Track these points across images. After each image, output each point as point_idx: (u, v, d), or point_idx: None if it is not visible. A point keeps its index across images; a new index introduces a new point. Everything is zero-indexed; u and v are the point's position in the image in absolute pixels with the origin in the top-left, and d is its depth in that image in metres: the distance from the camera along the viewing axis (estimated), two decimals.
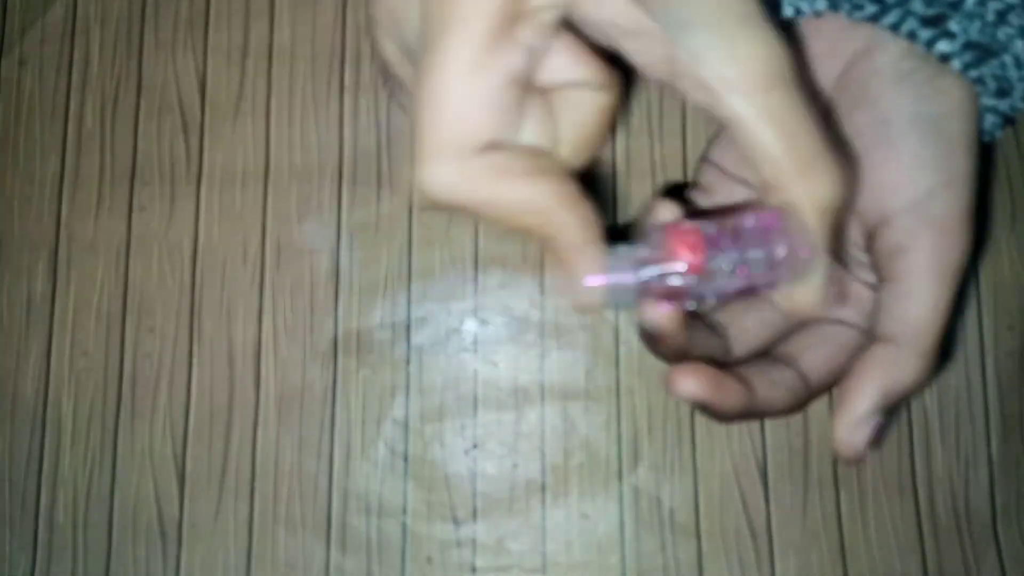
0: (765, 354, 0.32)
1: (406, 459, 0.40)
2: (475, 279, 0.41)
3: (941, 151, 0.29)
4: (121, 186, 0.42)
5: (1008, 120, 0.31)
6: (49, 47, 0.43)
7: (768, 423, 0.40)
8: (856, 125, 0.30)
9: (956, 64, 0.29)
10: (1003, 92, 0.30)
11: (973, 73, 0.29)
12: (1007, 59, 0.29)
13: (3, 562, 0.40)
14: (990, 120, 0.31)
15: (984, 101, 0.30)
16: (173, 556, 0.40)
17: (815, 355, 0.31)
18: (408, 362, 0.41)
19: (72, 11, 0.44)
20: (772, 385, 0.30)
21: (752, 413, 0.30)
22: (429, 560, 0.40)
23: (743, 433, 0.40)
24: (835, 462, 0.40)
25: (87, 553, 0.40)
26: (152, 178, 0.42)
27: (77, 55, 0.43)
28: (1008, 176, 0.42)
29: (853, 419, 0.29)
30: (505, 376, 0.41)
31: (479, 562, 0.40)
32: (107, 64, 0.43)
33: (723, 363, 0.30)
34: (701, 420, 0.40)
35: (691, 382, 0.28)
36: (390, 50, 0.28)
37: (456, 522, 0.40)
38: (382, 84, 0.31)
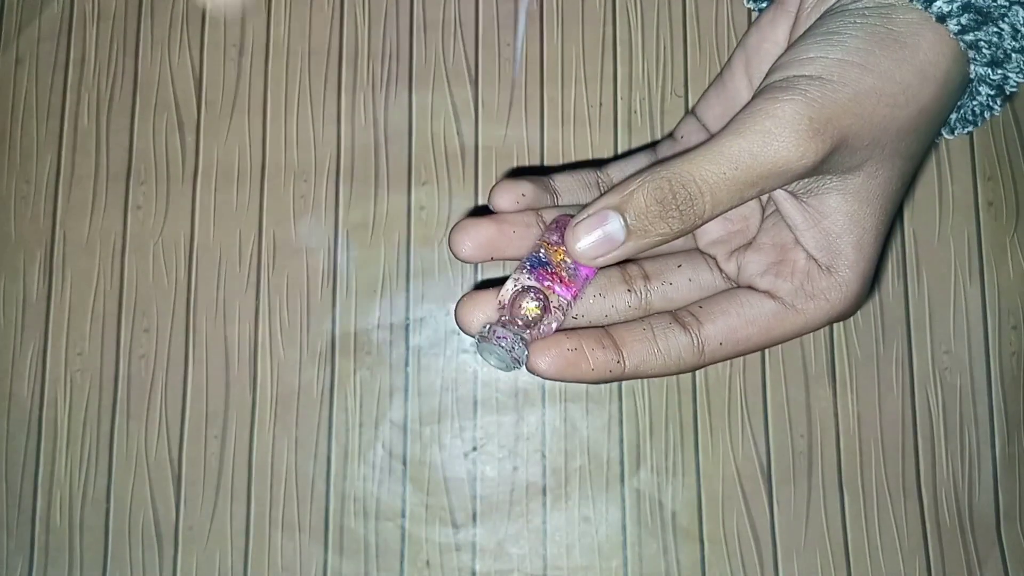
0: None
1: (404, 462, 0.40)
2: (475, 279, 0.41)
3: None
4: (117, 184, 0.42)
5: (1004, 95, 0.31)
6: (45, 45, 0.43)
7: (772, 426, 0.40)
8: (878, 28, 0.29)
9: (952, 26, 0.28)
10: (996, 62, 0.29)
11: (968, 37, 0.28)
12: (1004, 27, 0.29)
13: (0, 564, 0.40)
14: (984, 92, 0.30)
15: (977, 70, 0.29)
16: (170, 559, 0.40)
17: (721, 323, 0.30)
18: (407, 363, 0.41)
19: (69, 9, 0.43)
20: (655, 352, 0.29)
21: (625, 378, 0.30)
22: (428, 564, 0.40)
23: (746, 435, 0.40)
24: (839, 465, 0.40)
25: (83, 555, 0.40)
26: (148, 176, 0.42)
27: (73, 53, 0.43)
28: (1013, 177, 0.42)
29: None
30: (505, 377, 0.40)
31: (479, 566, 0.40)
32: (103, 62, 0.43)
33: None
34: (704, 422, 0.40)
35: (542, 361, 0.28)
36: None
37: (455, 526, 0.40)
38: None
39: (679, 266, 0.32)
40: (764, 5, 0.35)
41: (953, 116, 0.32)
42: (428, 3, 0.42)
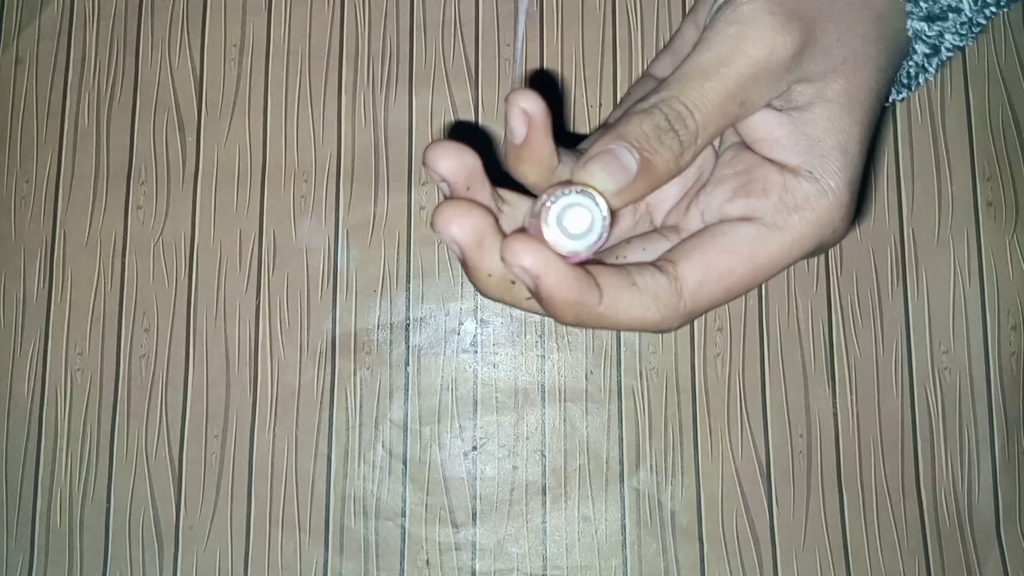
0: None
1: (404, 461, 0.40)
2: None
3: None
4: (117, 185, 0.42)
5: (939, 56, 0.30)
6: (45, 45, 0.43)
7: (771, 427, 0.40)
8: None
9: None
10: (932, 17, 0.29)
11: None
12: None
13: (0, 564, 0.40)
14: (920, 52, 0.30)
15: (913, 25, 0.29)
16: (170, 559, 0.40)
17: (696, 258, 0.27)
18: (407, 363, 0.41)
19: (69, 9, 0.43)
20: (633, 291, 0.26)
21: (604, 321, 0.26)
22: (428, 563, 0.40)
23: (745, 435, 0.40)
24: (839, 465, 0.40)
25: (83, 555, 0.40)
26: (148, 176, 0.42)
27: (74, 53, 0.43)
28: (1012, 178, 0.42)
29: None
30: (505, 377, 0.40)
31: (478, 565, 0.40)
32: (103, 62, 0.43)
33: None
34: (703, 422, 0.40)
35: (521, 253, 0.24)
36: None
37: (455, 525, 0.40)
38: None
39: (643, 250, 0.30)
40: None
41: None
42: (428, 3, 0.42)
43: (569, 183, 0.26)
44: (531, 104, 0.25)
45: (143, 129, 0.42)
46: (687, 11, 0.42)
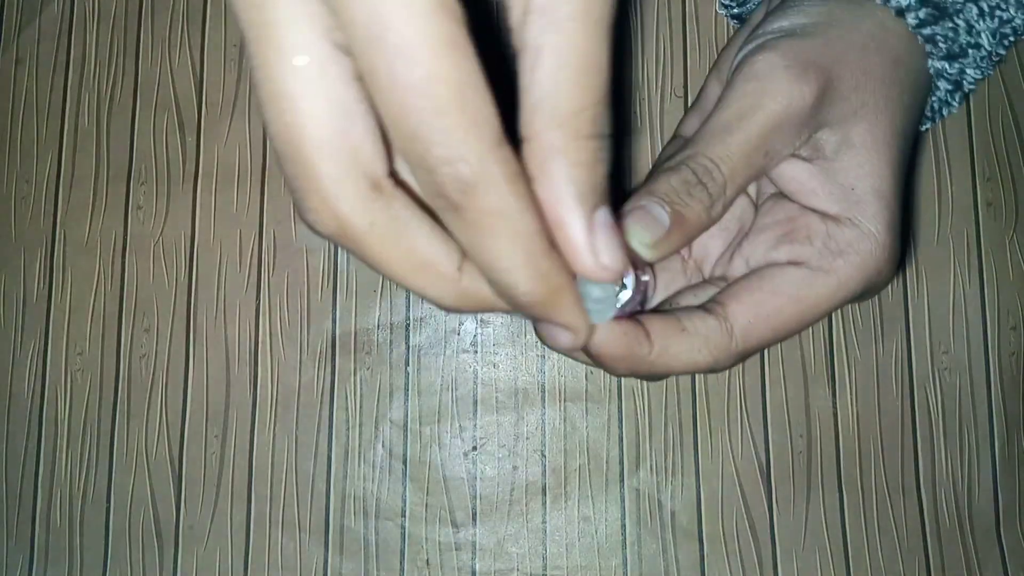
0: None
1: (404, 461, 0.40)
2: None
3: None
4: (117, 185, 0.42)
5: (961, 90, 0.31)
6: (45, 45, 0.43)
7: (771, 426, 0.40)
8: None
9: (911, 19, 0.29)
10: (952, 56, 0.30)
11: (926, 31, 0.29)
12: (959, 22, 0.29)
13: (0, 564, 0.40)
14: (943, 88, 0.31)
15: (934, 64, 0.30)
16: (170, 559, 0.40)
17: (746, 298, 0.28)
18: (407, 363, 0.41)
19: (69, 9, 0.43)
20: (684, 335, 0.26)
21: (657, 369, 0.26)
22: (428, 563, 0.40)
23: (745, 434, 0.40)
24: (838, 464, 0.40)
25: (83, 555, 0.40)
26: (149, 177, 0.42)
27: (74, 53, 0.43)
28: (1012, 178, 0.42)
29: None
30: (505, 377, 0.40)
31: (478, 565, 0.40)
32: (104, 62, 0.43)
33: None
34: (703, 422, 0.40)
35: (563, 334, 0.23)
36: None
37: (455, 525, 0.40)
38: None
39: (694, 297, 0.31)
40: (735, 11, 0.36)
41: None
42: None
43: None
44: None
45: (143, 129, 0.42)
46: (687, 19, 0.42)
